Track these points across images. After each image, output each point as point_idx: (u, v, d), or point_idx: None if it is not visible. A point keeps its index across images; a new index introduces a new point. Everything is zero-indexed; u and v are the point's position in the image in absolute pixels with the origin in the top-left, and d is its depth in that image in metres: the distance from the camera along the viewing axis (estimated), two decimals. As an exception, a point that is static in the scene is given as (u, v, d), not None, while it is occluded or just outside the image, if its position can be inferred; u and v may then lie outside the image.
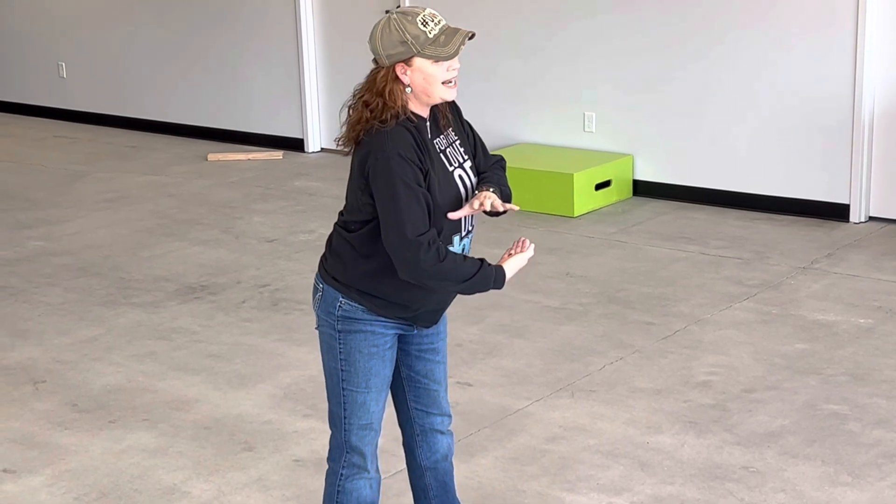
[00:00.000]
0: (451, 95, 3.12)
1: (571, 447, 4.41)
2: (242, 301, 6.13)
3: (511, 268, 3.17)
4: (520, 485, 4.16)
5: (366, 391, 3.22)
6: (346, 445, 3.28)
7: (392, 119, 3.05)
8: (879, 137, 6.99)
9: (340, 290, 3.18)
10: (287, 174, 8.88)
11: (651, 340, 5.40)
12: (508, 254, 3.20)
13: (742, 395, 4.80)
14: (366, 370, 3.20)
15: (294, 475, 4.28)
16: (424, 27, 3.03)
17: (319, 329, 3.26)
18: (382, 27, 3.06)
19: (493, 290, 3.14)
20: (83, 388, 5.11)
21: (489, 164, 3.31)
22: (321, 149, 9.60)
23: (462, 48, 3.06)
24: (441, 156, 3.14)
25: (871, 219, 7.10)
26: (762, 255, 6.54)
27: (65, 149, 10.10)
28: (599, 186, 7.61)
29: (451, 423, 3.47)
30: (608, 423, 4.59)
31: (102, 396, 5.02)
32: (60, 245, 7.25)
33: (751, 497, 4.02)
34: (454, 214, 3.11)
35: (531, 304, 5.89)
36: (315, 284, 3.27)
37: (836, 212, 7.12)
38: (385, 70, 3.07)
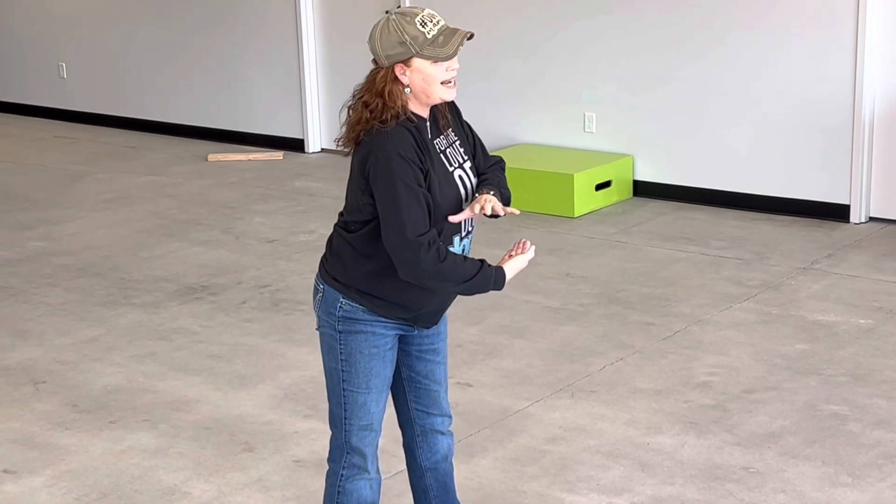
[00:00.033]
0: (451, 96, 3.12)
1: (571, 448, 4.41)
2: (243, 301, 6.13)
3: (511, 269, 3.17)
4: (520, 485, 4.16)
5: (366, 392, 3.22)
6: (347, 446, 3.28)
7: (392, 119, 3.05)
8: (880, 138, 6.98)
9: (341, 291, 3.18)
10: (287, 174, 8.87)
11: (651, 341, 5.40)
12: (509, 255, 3.20)
13: (742, 396, 4.80)
14: (366, 371, 3.20)
15: (294, 476, 4.28)
16: (423, 28, 3.04)
17: (320, 330, 3.26)
18: (381, 28, 3.06)
19: (493, 291, 3.14)
20: (83, 389, 5.11)
21: (488, 166, 3.30)
22: (321, 149, 9.60)
23: (461, 49, 3.06)
24: (441, 156, 3.14)
25: (872, 219, 7.10)
26: (762, 256, 6.54)
27: (64, 149, 10.10)
28: (599, 187, 7.61)
29: (452, 424, 3.47)
30: (608, 424, 4.59)
31: (103, 397, 5.02)
32: (60, 245, 7.25)
33: (751, 498, 4.01)
34: (454, 218, 3.11)
35: (531, 305, 5.89)
36: (315, 285, 3.27)
37: (837, 212, 7.12)
38: (384, 70, 3.07)
